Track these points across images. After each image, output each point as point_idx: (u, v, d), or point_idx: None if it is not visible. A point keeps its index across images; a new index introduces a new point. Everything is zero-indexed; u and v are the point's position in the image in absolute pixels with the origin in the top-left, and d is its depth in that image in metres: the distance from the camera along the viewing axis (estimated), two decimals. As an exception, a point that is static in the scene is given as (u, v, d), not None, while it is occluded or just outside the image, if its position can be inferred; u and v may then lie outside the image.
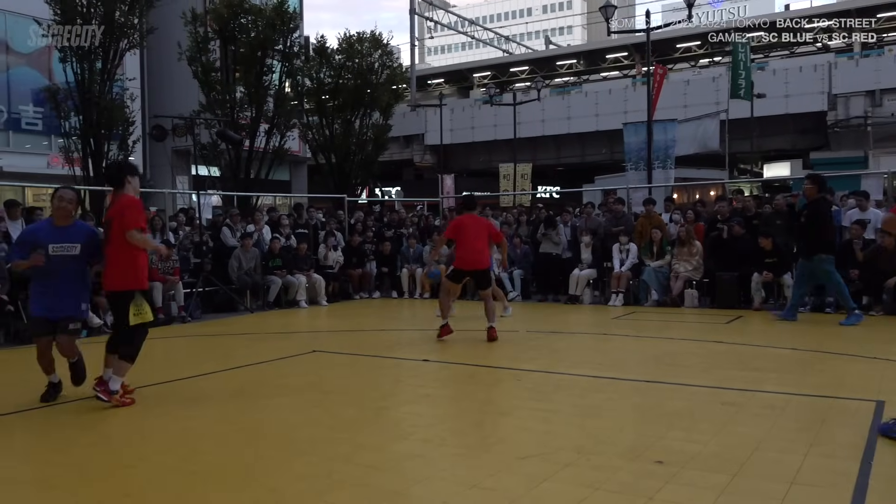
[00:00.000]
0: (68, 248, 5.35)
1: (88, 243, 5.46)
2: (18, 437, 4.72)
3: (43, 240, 5.29)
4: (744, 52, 23.07)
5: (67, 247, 5.35)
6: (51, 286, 5.33)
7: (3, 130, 24.71)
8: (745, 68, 23.05)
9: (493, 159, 36.98)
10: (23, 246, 5.39)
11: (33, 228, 5.58)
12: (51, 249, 5.26)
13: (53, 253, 5.26)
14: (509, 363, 6.72)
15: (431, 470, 3.75)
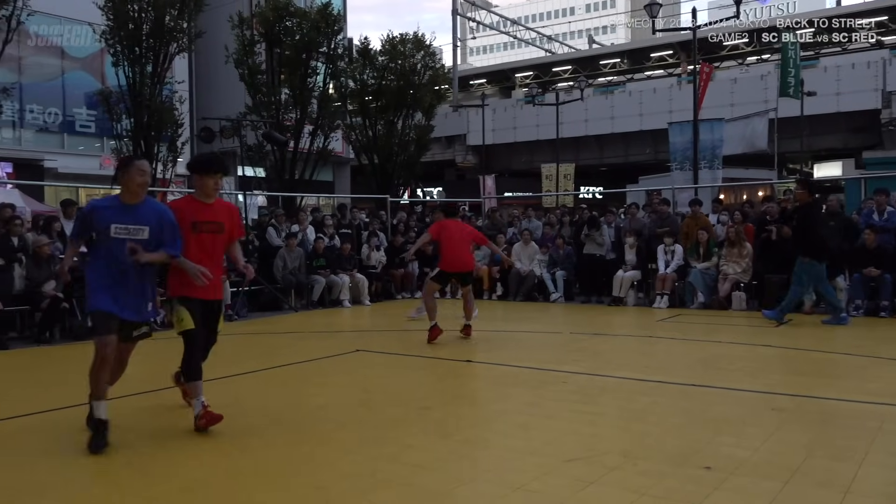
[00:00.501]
0: (134, 231, 4.36)
1: (159, 226, 4.45)
2: (79, 431, 4.84)
3: (103, 218, 4.35)
4: (793, 50, 22.53)
5: (133, 229, 4.37)
6: (115, 278, 4.34)
7: (58, 133, 25.49)
8: (794, 66, 22.50)
9: (536, 159, 36.80)
10: (83, 222, 4.52)
11: (96, 204, 4.51)
12: (112, 230, 4.30)
13: (115, 235, 4.31)
14: (553, 365, 6.68)
15: (476, 471, 3.76)
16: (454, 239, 8.42)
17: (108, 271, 4.35)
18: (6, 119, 18.69)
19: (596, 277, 12.54)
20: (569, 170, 28.89)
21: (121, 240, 4.32)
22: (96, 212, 4.41)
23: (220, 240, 4.78)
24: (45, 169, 24.27)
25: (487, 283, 13.32)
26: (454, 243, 8.41)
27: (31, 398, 5.76)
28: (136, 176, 4.40)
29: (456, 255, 8.42)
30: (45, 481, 3.72)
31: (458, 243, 8.44)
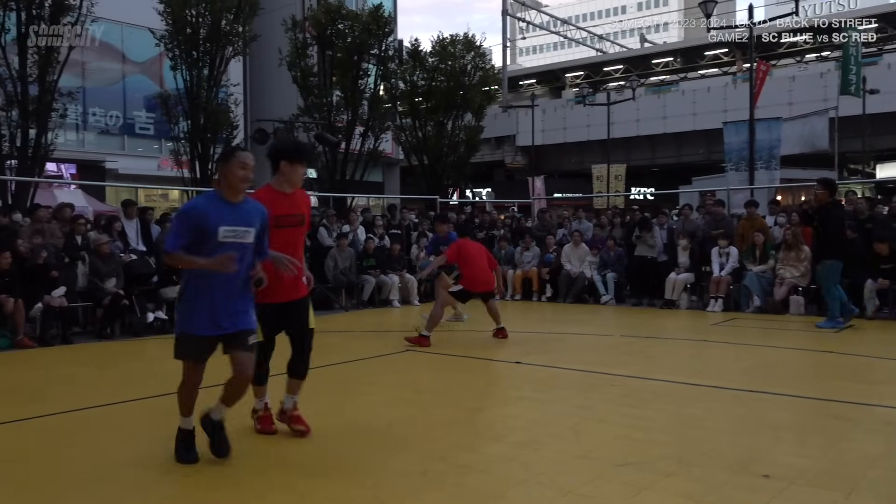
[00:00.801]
0: (242, 234, 3.80)
1: (262, 228, 3.93)
2: (138, 424, 5.00)
3: (213, 219, 3.73)
4: (855, 46, 21.79)
5: (241, 232, 3.80)
6: (220, 288, 3.78)
7: (119, 135, 26.33)
8: (856, 63, 21.75)
9: (586, 160, 36.45)
10: (187, 225, 3.76)
11: (200, 204, 3.83)
12: (221, 234, 3.72)
13: (223, 238, 3.73)
14: (604, 368, 6.61)
15: (527, 474, 3.74)
16: (475, 258, 8.47)
17: (211, 282, 3.76)
18: (70, 122, 19.39)
19: (647, 280, 12.34)
20: (620, 170, 28.55)
21: (228, 244, 3.73)
22: (204, 212, 3.75)
23: (300, 233, 4.48)
24: (107, 170, 25.12)
25: (537, 285, 13.24)
26: (477, 262, 8.47)
27: (94, 391, 5.95)
28: (237, 169, 3.81)
29: (480, 273, 8.47)
30: (106, 474, 3.84)
31: (479, 262, 8.50)
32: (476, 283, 8.44)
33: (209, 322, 3.81)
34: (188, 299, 3.85)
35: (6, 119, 14.18)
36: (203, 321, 3.80)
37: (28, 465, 3.98)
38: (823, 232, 9.09)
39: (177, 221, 3.87)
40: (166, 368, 6.81)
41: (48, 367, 7.23)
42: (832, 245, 9.02)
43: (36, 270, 8.73)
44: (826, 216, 9.04)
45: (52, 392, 6.03)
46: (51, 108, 14.64)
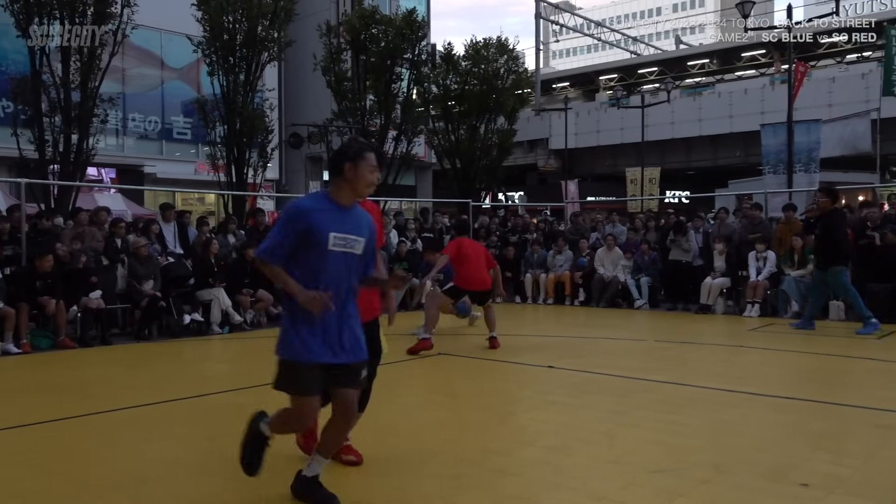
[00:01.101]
0: (352, 244, 3.27)
1: (371, 238, 3.40)
2: (175, 424, 5.09)
3: (324, 223, 3.19)
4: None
5: (352, 241, 3.27)
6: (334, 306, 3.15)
7: (157, 140, 26.83)
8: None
9: (619, 163, 36.14)
10: (293, 227, 3.19)
11: (309, 204, 3.26)
12: (331, 241, 3.19)
13: (333, 247, 3.20)
14: (638, 373, 6.54)
15: (559, 478, 3.72)
16: (472, 256, 8.28)
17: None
18: (111, 127, 19.79)
19: (682, 284, 12.19)
20: (654, 173, 28.25)
21: (338, 254, 3.21)
22: (314, 214, 3.20)
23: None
24: (145, 174, 25.60)
25: (569, 289, 13.17)
26: (473, 260, 8.27)
27: (132, 392, 6.06)
28: (367, 172, 3.27)
29: (475, 272, 8.26)
30: (144, 474, 3.91)
31: (476, 260, 8.30)
32: (470, 281, 8.27)
33: (322, 346, 3.17)
34: (293, 324, 3.19)
35: (49, 125, 14.54)
36: (315, 345, 3.17)
37: (69, 463, 4.07)
38: (826, 239, 9.16)
39: (282, 223, 3.25)
40: (202, 370, 6.96)
41: (88, 368, 7.39)
42: (838, 252, 9.09)
43: (75, 274, 8.93)
44: (829, 223, 9.11)
45: (91, 392, 6.17)
46: (92, 113, 14.97)
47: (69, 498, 3.50)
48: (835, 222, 9.17)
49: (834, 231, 9.11)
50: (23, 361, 7.71)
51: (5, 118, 17.88)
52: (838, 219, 9.33)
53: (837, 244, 9.10)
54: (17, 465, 4.02)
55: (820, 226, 9.30)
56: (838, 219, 9.33)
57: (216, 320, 9.74)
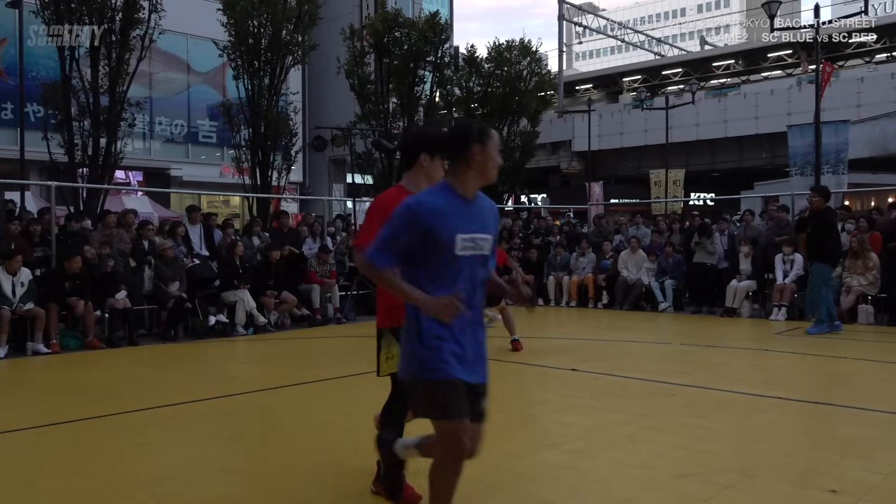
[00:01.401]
0: (481, 244, 2.77)
1: (497, 233, 2.92)
2: (199, 424, 5.14)
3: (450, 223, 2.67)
4: (930, 45, 20.90)
5: (480, 240, 2.76)
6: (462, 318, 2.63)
7: (183, 143, 27.16)
8: (931, 63, 20.87)
9: (643, 165, 35.86)
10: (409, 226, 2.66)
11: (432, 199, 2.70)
12: (458, 245, 2.68)
13: (462, 251, 2.70)
14: (662, 376, 6.48)
15: (583, 482, 3.69)
16: None
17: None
18: (138, 131, 20.04)
19: (707, 287, 12.06)
20: (678, 175, 28.02)
21: (467, 259, 2.71)
22: (436, 214, 2.66)
23: None
24: (171, 177, 25.92)
25: (593, 292, 13.09)
26: None
27: (158, 392, 6.13)
28: (496, 154, 2.78)
29: None
30: (171, 471, 3.95)
31: None
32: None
33: (457, 361, 2.66)
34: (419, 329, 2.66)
35: (79, 128, 14.77)
36: (454, 361, 2.65)
37: (96, 462, 4.12)
38: (814, 237, 9.50)
39: (394, 220, 2.68)
40: (227, 370, 7.02)
41: (115, 368, 7.49)
42: (825, 249, 9.41)
43: (103, 277, 9.06)
44: (820, 222, 9.42)
45: (118, 391, 6.25)
46: (120, 117, 15.18)
47: (96, 496, 3.55)
48: (827, 221, 9.48)
49: (824, 229, 9.41)
50: (52, 361, 7.84)
51: (36, 122, 18.18)
52: (830, 218, 9.64)
53: (825, 242, 9.41)
54: (45, 462, 4.08)
55: (812, 224, 9.56)
56: (830, 218, 9.64)
57: (241, 322, 9.82)
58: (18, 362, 7.79)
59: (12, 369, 7.52)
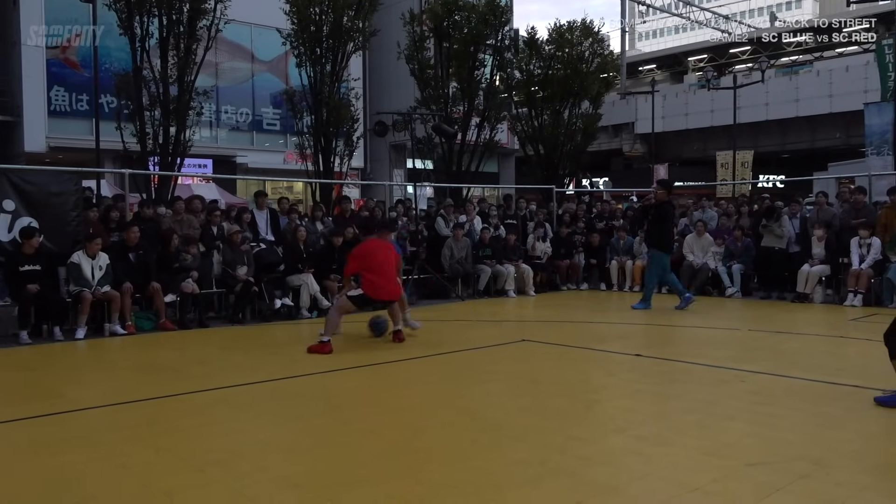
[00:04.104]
0: None
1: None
2: (266, 404, 5.27)
3: None
4: None
5: None
6: None
7: (248, 131, 27.74)
8: None
9: (709, 147, 34.97)
10: None
11: None
12: None
13: None
14: (730, 363, 6.32)
15: (649, 468, 3.64)
16: (380, 260, 7.41)
17: None
18: (205, 119, 20.55)
19: (777, 272, 11.68)
20: (747, 157, 27.17)
21: None
22: None
23: None
24: (237, 164, 26.55)
25: (657, 276, 12.83)
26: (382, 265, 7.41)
27: (227, 372, 6.31)
28: None
29: (384, 279, 7.36)
30: (241, 449, 4.07)
31: (385, 266, 7.44)
32: (378, 290, 7.31)
33: None
34: None
35: (150, 118, 15.23)
36: None
37: (170, 439, 4.27)
38: (655, 226, 10.44)
39: None
40: (292, 352, 7.18)
41: (187, 349, 7.75)
42: (662, 238, 10.47)
43: (180, 266, 9.36)
44: (660, 213, 10.37)
45: (189, 371, 6.46)
46: (188, 106, 15.58)
47: (170, 471, 3.68)
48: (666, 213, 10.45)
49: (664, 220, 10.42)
50: (128, 342, 8.16)
51: (110, 113, 18.84)
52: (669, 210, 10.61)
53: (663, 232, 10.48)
54: (123, 439, 4.25)
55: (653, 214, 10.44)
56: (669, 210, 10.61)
57: (305, 305, 10.01)
58: (97, 342, 8.14)
59: (91, 349, 7.86)
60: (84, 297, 8.25)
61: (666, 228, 10.59)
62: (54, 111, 23.24)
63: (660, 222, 10.43)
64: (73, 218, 9.21)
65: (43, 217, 8.91)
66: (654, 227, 10.50)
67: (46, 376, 6.44)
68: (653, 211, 10.49)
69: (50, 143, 22.92)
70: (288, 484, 3.47)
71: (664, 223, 10.50)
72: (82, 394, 5.60)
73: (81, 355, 7.63)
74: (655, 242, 10.51)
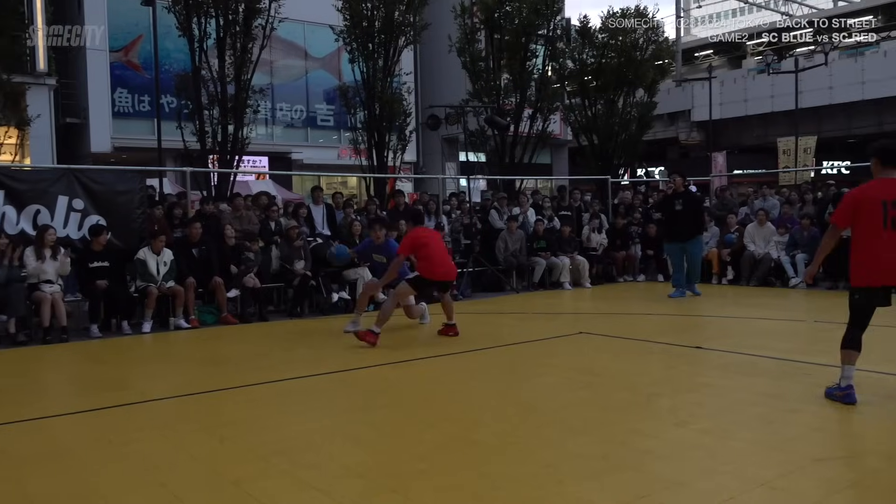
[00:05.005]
0: None
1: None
2: (327, 396, 5.37)
3: None
4: None
5: None
6: None
7: (303, 128, 28.15)
8: None
9: (770, 133, 33.91)
10: None
11: None
12: None
13: None
14: (796, 355, 6.14)
15: (714, 462, 3.57)
16: (434, 246, 7.54)
17: None
18: (261, 117, 20.95)
19: (844, 262, 11.26)
20: (809, 143, 26.30)
21: None
22: None
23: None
24: (292, 160, 26.98)
25: (717, 267, 12.55)
26: (437, 251, 7.54)
27: (287, 365, 6.44)
28: None
29: (441, 262, 7.52)
30: (305, 440, 4.15)
31: (440, 251, 7.62)
32: (437, 273, 7.43)
33: None
34: None
35: (209, 117, 15.61)
36: None
37: (234, 429, 4.39)
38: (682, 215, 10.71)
39: None
40: (351, 345, 7.27)
41: (248, 342, 7.93)
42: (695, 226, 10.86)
43: (239, 261, 9.59)
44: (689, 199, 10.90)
45: (252, 364, 6.59)
46: (245, 105, 15.91)
47: (237, 461, 3.78)
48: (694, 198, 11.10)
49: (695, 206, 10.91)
50: (192, 335, 8.41)
51: (170, 113, 19.37)
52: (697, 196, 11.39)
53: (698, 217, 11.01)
54: (190, 429, 4.39)
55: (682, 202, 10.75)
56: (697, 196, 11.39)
57: (361, 298, 10.12)
58: (162, 336, 8.41)
59: (157, 342, 8.13)
60: (150, 293, 8.53)
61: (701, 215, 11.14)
62: (118, 112, 24.01)
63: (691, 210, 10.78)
64: (137, 216, 9.52)
65: (110, 215, 9.23)
66: (687, 216, 10.72)
67: (116, 369, 6.68)
68: (678, 200, 10.78)
69: (114, 143, 23.70)
70: (352, 474, 3.52)
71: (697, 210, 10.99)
72: (150, 385, 5.80)
73: (148, 348, 7.90)
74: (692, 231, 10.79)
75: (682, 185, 11.00)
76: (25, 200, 8.72)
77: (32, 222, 8.65)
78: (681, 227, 10.78)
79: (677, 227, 10.84)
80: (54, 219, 8.79)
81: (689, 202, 10.80)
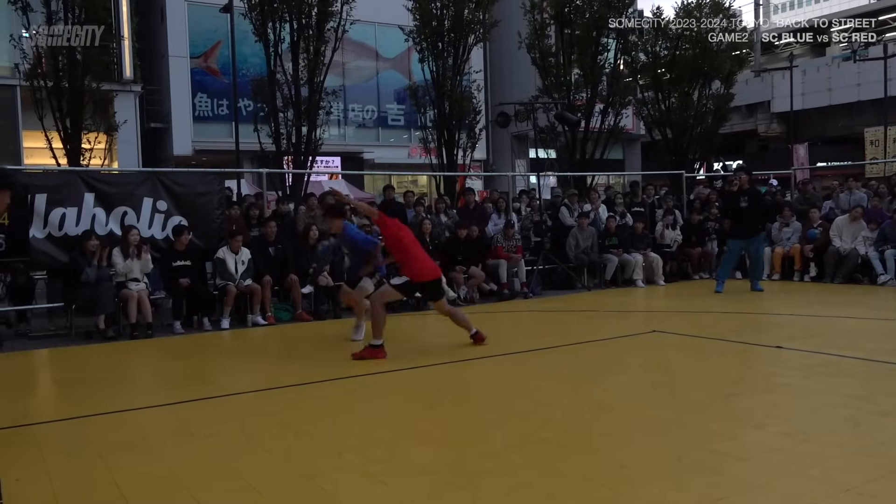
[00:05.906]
0: None
1: None
2: (399, 393, 5.43)
3: None
4: None
5: None
6: None
7: (374, 127, 28.54)
8: None
9: (856, 123, 32.37)
10: None
11: None
12: None
13: None
14: (885, 356, 5.84)
15: (796, 466, 3.44)
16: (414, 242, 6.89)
17: None
18: (333, 118, 21.33)
19: (940, 257, 10.67)
20: (900, 133, 24.97)
21: None
22: None
23: None
24: (364, 160, 27.40)
25: (799, 264, 12.07)
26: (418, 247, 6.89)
27: (359, 362, 6.53)
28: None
29: (424, 259, 6.84)
30: (375, 435, 4.21)
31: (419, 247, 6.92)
32: (423, 272, 6.73)
33: None
34: None
35: (284, 119, 16.01)
36: None
37: (309, 424, 4.50)
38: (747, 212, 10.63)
39: None
40: (421, 343, 7.34)
41: (323, 339, 8.09)
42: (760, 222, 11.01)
43: (312, 258, 9.81)
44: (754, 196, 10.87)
45: (327, 359, 6.70)
46: (319, 106, 16.23)
47: (310, 455, 3.87)
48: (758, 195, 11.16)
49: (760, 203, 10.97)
50: (268, 332, 8.65)
51: (247, 116, 19.99)
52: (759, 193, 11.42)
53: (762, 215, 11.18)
54: (266, 423, 4.52)
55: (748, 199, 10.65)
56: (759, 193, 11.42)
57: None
58: (240, 332, 8.69)
59: (236, 338, 8.40)
60: (229, 290, 8.81)
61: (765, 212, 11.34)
62: (198, 116, 24.93)
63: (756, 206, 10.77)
64: (217, 216, 9.85)
65: (191, 216, 9.59)
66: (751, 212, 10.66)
67: (198, 364, 6.94)
68: (745, 197, 10.69)
69: (195, 146, 24.61)
70: (422, 471, 3.55)
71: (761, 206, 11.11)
72: (230, 380, 6.00)
73: (227, 344, 8.17)
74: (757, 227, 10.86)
75: (747, 182, 10.88)
76: (114, 203, 9.15)
77: (120, 223, 9.07)
78: (745, 225, 10.70)
79: (742, 225, 10.75)
80: (140, 220, 9.19)
81: (754, 199, 10.78)
